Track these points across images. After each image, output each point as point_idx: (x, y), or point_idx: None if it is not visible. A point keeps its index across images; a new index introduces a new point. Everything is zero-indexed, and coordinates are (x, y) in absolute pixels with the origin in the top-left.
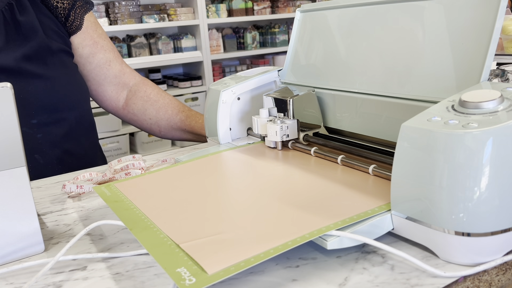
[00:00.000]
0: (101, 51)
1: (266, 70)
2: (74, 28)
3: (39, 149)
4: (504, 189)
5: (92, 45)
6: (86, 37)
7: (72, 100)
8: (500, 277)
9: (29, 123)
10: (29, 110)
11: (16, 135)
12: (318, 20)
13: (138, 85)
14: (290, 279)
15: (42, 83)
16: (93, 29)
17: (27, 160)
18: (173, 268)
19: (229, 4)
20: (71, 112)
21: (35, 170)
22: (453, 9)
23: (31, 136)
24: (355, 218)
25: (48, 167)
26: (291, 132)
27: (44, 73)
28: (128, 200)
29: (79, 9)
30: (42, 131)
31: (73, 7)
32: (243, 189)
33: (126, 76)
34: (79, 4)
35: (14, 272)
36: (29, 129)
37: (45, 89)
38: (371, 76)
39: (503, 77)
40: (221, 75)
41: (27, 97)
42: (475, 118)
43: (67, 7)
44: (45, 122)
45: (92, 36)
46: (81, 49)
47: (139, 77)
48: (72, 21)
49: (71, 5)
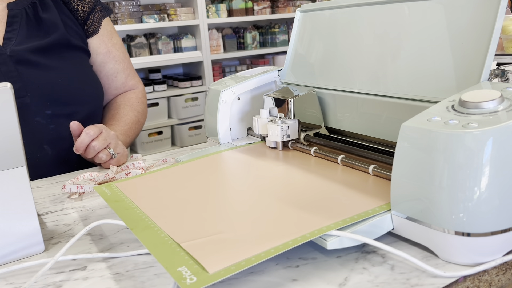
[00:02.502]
0: (112, 61)
1: (266, 70)
2: (91, 31)
3: (49, 140)
4: (504, 189)
5: (105, 53)
6: (101, 44)
7: (86, 95)
8: (500, 277)
9: (43, 113)
10: (44, 101)
11: (16, 135)
12: (318, 20)
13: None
14: (290, 279)
15: (59, 76)
16: (109, 37)
17: (35, 149)
18: (174, 267)
19: (229, 4)
20: (84, 106)
21: (42, 160)
22: (453, 9)
23: (44, 127)
24: (355, 218)
25: (55, 158)
26: (292, 132)
27: (61, 67)
28: (129, 200)
29: (98, 13)
30: (55, 122)
31: (92, 11)
32: (244, 189)
33: (125, 89)
34: (98, 9)
35: (14, 272)
36: (43, 119)
37: (61, 82)
38: (371, 76)
39: (503, 77)
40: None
41: (43, 89)
42: (475, 118)
43: (86, 11)
44: (59, 114)
45: (106, 45)
46: (95, 56)
47: (136, 89)
48: (90, 24)
49: (90, 9)
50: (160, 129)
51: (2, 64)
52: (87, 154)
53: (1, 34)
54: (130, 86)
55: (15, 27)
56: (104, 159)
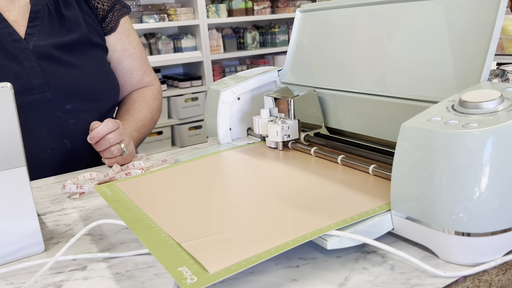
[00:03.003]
0: (128, 58)
1: (266, 70)
2: (109, 29)
3: (69, 134)
4: (504, 189)
5: (121, 51)
6: (118, 41)
7: (104, 91)
8: (500, 277)
9: (63, 108)
10: (64, 96)
11: (16, 135)
12: (318, 20)
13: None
14: (290, 279)
15: (80, 72)
16: (126, 35)
17: (56, 144)
18: (175, 267)
19: (229, 4)
20: (103, 102)
21: (62, 154)
22: (453, 9)
23: (64, 121)
24: (355, 218)
25: (75, 153)
26: (292, 132)
27: (82, 64)
28: (129, 200)
29: (116, 12)
30: (75, 117)
31: (111, 9)
32: (244, 189)
33: (140, 85)
34: (117, 8)
35: (14, 272)
36: (63, 114)
37: (82, 78)
38: (371, 76)
39: (503, 77)
40: (221, 75)
41: (64, 84)
42: (475, 118)
43: (106, 9)
44: (79, 109)
45: (123, 42)
46: (111, 53)
47: (152, 86)
48: (108, 22)
49: (110, 7)
50: (160, 129)
51: (25, 59)
52: (100, 146)
53: (23, 29)
54: (146, 83)
55: (37, 23)
56: (115, 153)
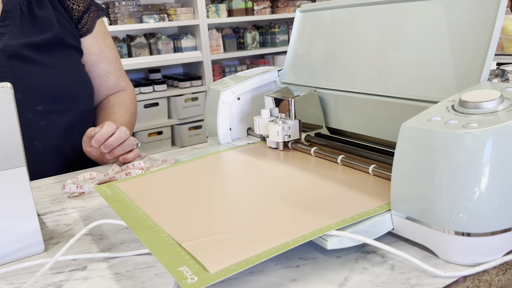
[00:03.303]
0: (104, 61)
1: (266, 70)
2: (85, 31)
3: (40, 136)
4: (504, 189)
5: (98, 54)
6: (94, 44)
7: (77, 93)
8: (500, 277)
9: (34, 109)
10: (35, 97)
11: (16, 135)
12: (318, 20)
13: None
14: (290, 279)
15: (51, 73)
16: (102, 38)
17: (26, 146)
18: (175, 267)
19: (229, 4)
20: (75, 104)
21: (33, 157)
22: (453, 9)
23: (35, 123)
24: (355, 218)
25: (46, 155)
26: (293, 133)
27: (54, 64)
28: (129, 200)
29: (92, 13)
30: (46, 118)
31: (87, 11)
32: (244, 189)
33: (116, 89)
34: (93, 9)
35: (14, 272)
36: (34, 115)
37: (54, 79)
38: (371, 76)
39: (503, 77)
40: (221, 75)
41: (35, 84)
42: (475, 118)
43: (81, 10)
44: (50, 110)
45: (99, 45)
46: (87, 55)
47: (127, 90)
48: (84, 24)
49: (85, 8)
50: (160, 129)
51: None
52: (118, 139)
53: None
54: (122, 87)
55: (9, 23)
56: (132, 143)
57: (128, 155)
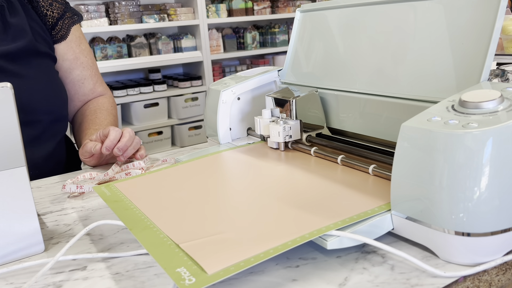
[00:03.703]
0: (79, 67)
1: (266, 70)
2: (59, 37)
3: None
4: (504, 189)
5: (72, 60)
6: (68, 50)
7: (50, 104)
8: (500, 277)
9: None
10: None
11: (16, 135)
12: (318, 20)
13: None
14: (290, 279)
15: (23, 83)
16: (77, 44)
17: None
18: (173, 268)
19: (229, 4)
20: (47, 115)
21: None
22: (453, 9)
23: None
24: (355, 218)
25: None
26: (294, 133)
27: (26, 74)
28: (128, 200)
29: (67, 19)
30: None
31: (62, 17)
32: (243, 189)
33: (93, 95)
34: (68, 15)
35: (14, 272)
36: None
37: (25, 89)
38: (371, 76)
39: (503, 77)
40: (221, 75)
41: None
42: (475, 118)
43: (56, 16)
44: (20, 121)
45: (74, 51)
46: (61, 61)
47: (106, 95)
48: (58, 30)
49: (60, 14)
50: (160, 129)
51: None
52: (130, 140)
53: None
54: (99, 92)
55: None
56: (139, 141)
57: (137, 154)
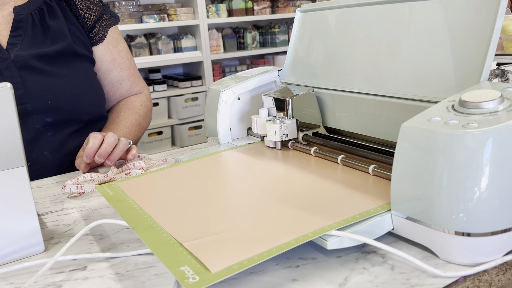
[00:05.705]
0: (117, 69)
1: (266, 70)
2: (96, 39)
3: (49, 146)
4: (504, 189)
5: (110, 61)
6: (106, 52)
7: (88, 104)
8: (500, 277)
9: (43, 121)
10: (46, 108)
11: (16, 135)
12: (318, 20)
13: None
14: (290, 279)
15: (62, 84)
16: (114, 45)
17: (36, 156)
18: (177, 266)
19: (229, 4)
20: (85, 115)
21: (43, 167)
22: (453, 9)
23: (42, 134)
24: (355, 218)
25: (57, 164)
26: (291, 132)
27: (65, 75)
28: (130, 200)
29: (104, 21)
30: (53, 129)
31: (99, 19)
32: (245, 189)
33: (129, 95)
34: (105, 17)
35: (14, 272)
36: (42, 127)
37: (64, 90)
38: (371, 76)
39: (503, 77)
40: (221, 75)
41: (47, 95)
42: (475, 118)
43: (93, 19)
44: (59, 121)
45: (112, 52)
46: (100, 63)
47: (141, 93)
48: (96, 32)
49: (97, 17)
50: (160, 129)
51: (6, 69)
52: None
53: (6, 39)
54: (135, 92)
55: (21, 33)
56: (126, 143)
57: (129, 155)
